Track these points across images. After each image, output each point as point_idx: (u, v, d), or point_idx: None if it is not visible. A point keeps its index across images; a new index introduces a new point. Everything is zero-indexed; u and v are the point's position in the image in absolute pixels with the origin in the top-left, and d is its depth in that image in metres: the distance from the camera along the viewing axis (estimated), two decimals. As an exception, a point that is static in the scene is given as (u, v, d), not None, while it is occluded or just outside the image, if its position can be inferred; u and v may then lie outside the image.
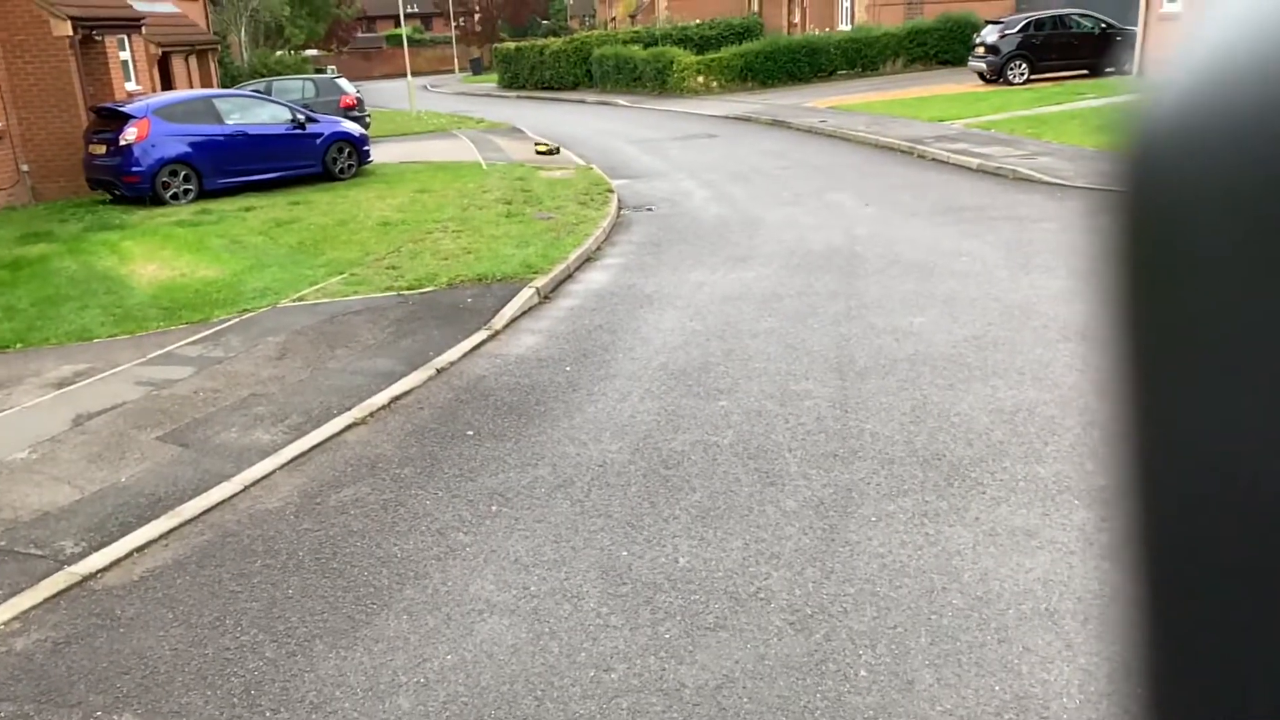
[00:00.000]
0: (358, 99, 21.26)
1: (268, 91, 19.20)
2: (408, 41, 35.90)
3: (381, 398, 5.89)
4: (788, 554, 3.96)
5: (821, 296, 7.63)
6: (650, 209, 12.05)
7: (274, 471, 5.03)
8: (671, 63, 29.36)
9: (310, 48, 48.36)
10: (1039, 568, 3.77)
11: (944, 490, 4.44)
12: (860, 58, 29.38)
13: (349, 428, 5.55)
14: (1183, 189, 0.29)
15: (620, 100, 29.24)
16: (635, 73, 31.12)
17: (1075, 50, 22.53)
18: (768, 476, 4.68)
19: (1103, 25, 22.61)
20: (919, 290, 7.59)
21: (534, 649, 3.41)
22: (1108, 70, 22.28)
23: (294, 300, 8.22)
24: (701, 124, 21.54)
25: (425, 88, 42.73)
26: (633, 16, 56.12)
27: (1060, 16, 23.23)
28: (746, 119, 21.59)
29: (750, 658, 3.30)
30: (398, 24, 39.52)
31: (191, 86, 21.90)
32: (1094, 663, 3.20)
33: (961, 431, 5.05)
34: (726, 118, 22.24)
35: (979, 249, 8.77)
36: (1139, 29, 20.70)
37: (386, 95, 36.46)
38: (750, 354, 6.44)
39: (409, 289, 8.32)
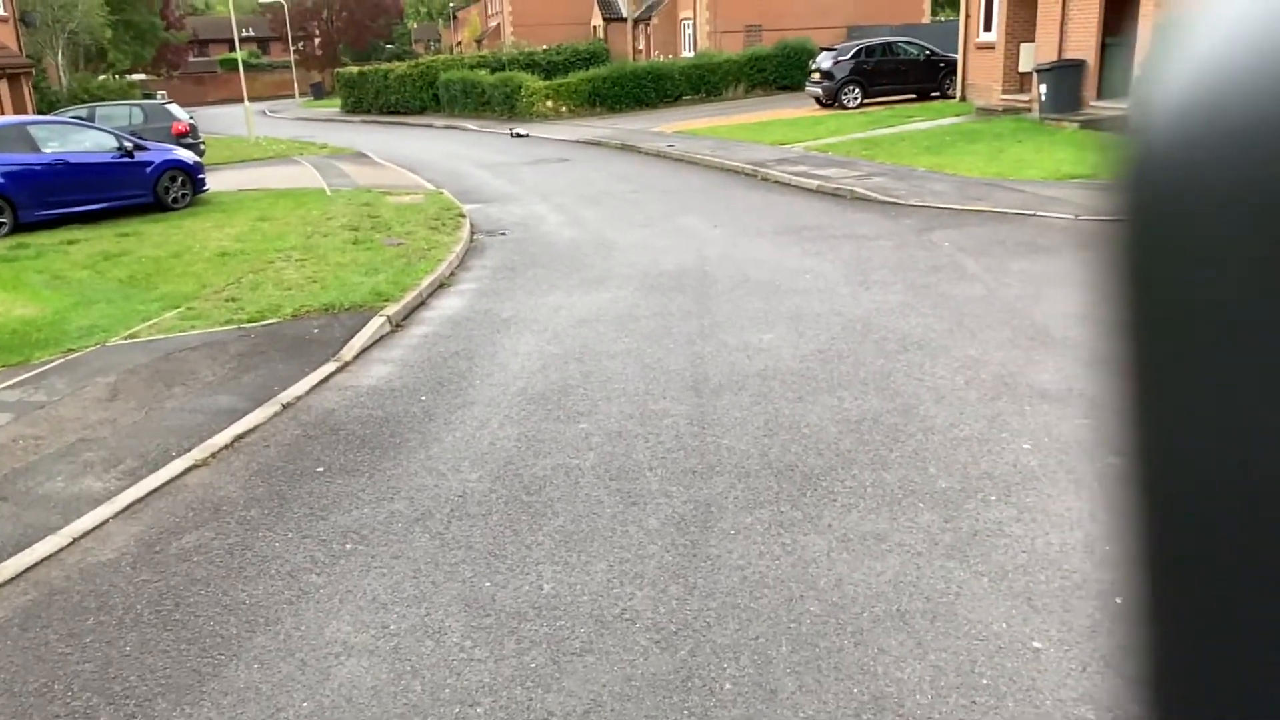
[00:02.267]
0: (191, 125, 20.29)
1: (90, 118, 18.07)
2: (244, 66, 34.57)
3: (224, 437, 5.61)
4: (651, 573, 3.99)
5: (676, 316, 7.76)
6: (504, 233, 11.98)
7: (107, 521, 4.71)
8: (520, 87, 29.40)
9: (137, 72, 45.92)
10: (889, 570, 3.93)
11: (798, 500, 4.57)
12: (704, 83, 30.20)
13: (189, 470, 5.26)
14: (1183, 198, 0.29)
15: (469, 124, 29.03)
16: (484, 97, 30.99)
17: (903, 76, 23.86)
18: (630, 496, 4.70)
19: (927, 52, 24.02)
20: (767, 308, 7.83)
21: (395, 689, 3.30)
22: (933, 94, 23.68)
23: (125, 338, 7.74)
24: (552, 148, 21.62)
25: (264, 113, 41.22)
26: (479, 41, 55.91)
27: (889, 44, 24.57)
28: (596, 143, 21.81)
29: (617, 679, 3.30)
30: (232, 48, 38.01)
31: (3, 113, 20.39)
32: (943, 658, 3.35)
33: (812, 442, 5.22)
34: (577, 142, 22.40)
35: (821, 266, 9.12)
36: (959, 56, 22.12)
37: (223, 121, 34.98)
38: (609, 375, 6.47)
39: (251, 322, 7.97)
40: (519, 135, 24.19)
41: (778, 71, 30.43)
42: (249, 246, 11.07)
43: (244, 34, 54.54)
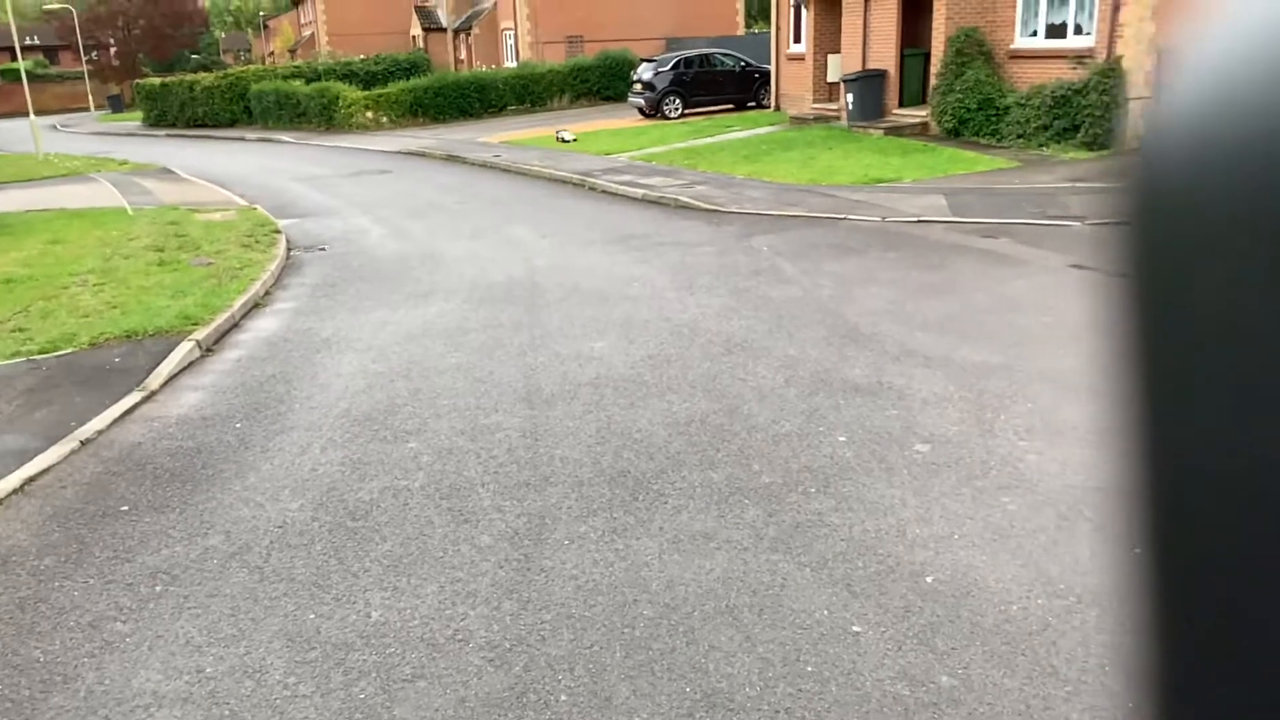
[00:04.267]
0: (-34, 140, 18.53)
1: None
2: (28, 77, 31.88)
3: (12, 480, 5.14)
4: (484, 590, 3.94)
5: (506, 328, 7.70)
6: (323, 249, 11.56)
7: None
8: (337, 98, 28.48)
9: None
10: (718, 568, 4.03)
11: (630, 505, 4.62)
12: (529, 94, 30.17)
13: (-29, 519, 4.79)
14: (1191, 205, 0.28)
15: (284, 137, 27.86)
16: (299, 108, 29.82)
17: (721, 86, 24.62)
18: (461, 514, 4.63)
19: (742, 64, 24.88)
20: (597, 316, 7.89)
21: (212, 736, 3.12)
22: (749, 104, 24.53)
23: (-109, 377, 6.98)
24: (374, 160, 21.05)
25: (55, 127, 38.25)
26: (292, 51, 53.81)
27: (706, 55, 25.29)
28: (420, 154, 21.40)
29: (450, 703, 3.23)
30: (14, 57, 35.00)
31: None
32: (770, 650, 3.46)
33: (643, 447, 5.29)
34: (399, 153, 21.90)
35: (649, 274, 9.27)
36: (772, 67, 23.01)
37: (6, 137, 32.19)
38: (438, 391, 6.35)
39: (42, 353, 7.35)
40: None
41: (601, 82, 30.75)
42: (39, 272, 10.22)
43: (27, 42, 50.39)
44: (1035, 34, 15.31)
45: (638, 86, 24.79)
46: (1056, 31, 14.94)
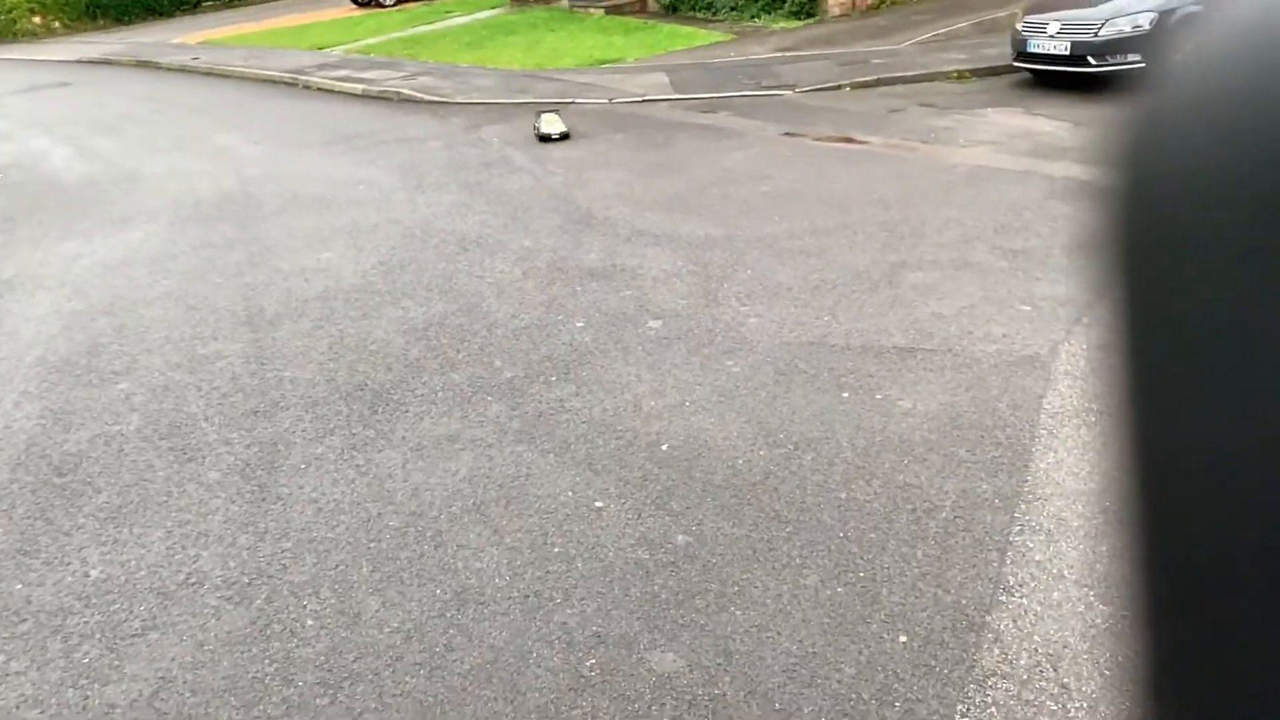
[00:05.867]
0: None
1: None
2: None
3: None
4: (217, 529, 3.74)
5: (220, 248, 7.15)
6: (-6, 179, 10.15)
7: None
8: (-7, 0, 24.64)
9: None
10: (463, 468, 4.04)
11: (369, 419, 4.51)
12: (225, -15, 27.41)
13: None
14: (1181, 191, 0.27)
15: (-69, 50, 23.88)
16: (-56, 15, 25.55)
17: (437, -30, 23.35)
18: (185, 453, 4.34)
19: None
20: (321, 225, 7.48)
21: (-91, 736, 2.82)
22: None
23: None
24: (50, 71, 18.51)
25: None
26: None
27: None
28: (106, 62, 19.05)
29: (188, 649, 3.09)
30: None
31: None
32: (518, 539, 3.54)
33: (380, 358, 5.15)
34: (80, 62, 19.39)
35: (375, 175, 8.86)
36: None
37: None
38: (147, 324, 5.83)
39: None
40: None
41: (307, -31, 28.35)
42: None
43: None
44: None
45: (347, -27, 23.10)
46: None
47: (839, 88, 10.75)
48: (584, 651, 2.98)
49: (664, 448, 4.09)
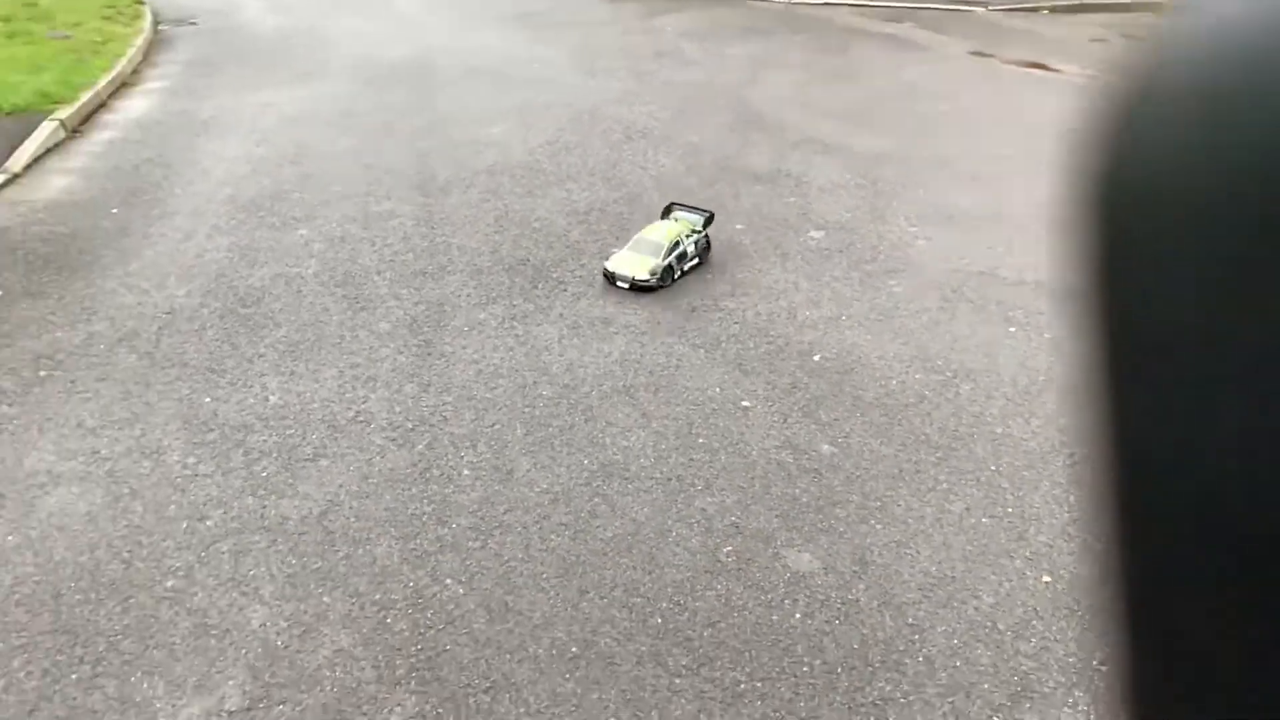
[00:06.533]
0: None
1: None
2: None
3: None
4: (384, 375, 3.96)
5: (397, 111, 7.35)
6: (194, 23, 10.63)
7: None
8: None
9: None
10: (616, 351, 4.13)
11: (529, 293, 4.64)
12: None
13: None
14: (1160, 190, 0.27)
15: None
16: None
17: None
18: (358, 302, 4.57)
19: None
20: (494, 99, 7.58)
21: (113, 513, 3.15)
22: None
23: None
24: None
25: None
26: None
27: None
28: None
29: (354, 479, 3.32)
30: None
31: None
32: (664, 425, 3.62)
33: (543, 235, 5.25)
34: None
35: (548, 54, 8.88)
36: None
37: None
38: (328, 177, 6.10)
39: (-117, 132, 6.72)
40: None
41: None
42: None
43: None
44: None
45: None
46: None
47: (1037, 10, 10.07)
48: (721, 538, 3.06)
49: (816, 358, 4.07)
